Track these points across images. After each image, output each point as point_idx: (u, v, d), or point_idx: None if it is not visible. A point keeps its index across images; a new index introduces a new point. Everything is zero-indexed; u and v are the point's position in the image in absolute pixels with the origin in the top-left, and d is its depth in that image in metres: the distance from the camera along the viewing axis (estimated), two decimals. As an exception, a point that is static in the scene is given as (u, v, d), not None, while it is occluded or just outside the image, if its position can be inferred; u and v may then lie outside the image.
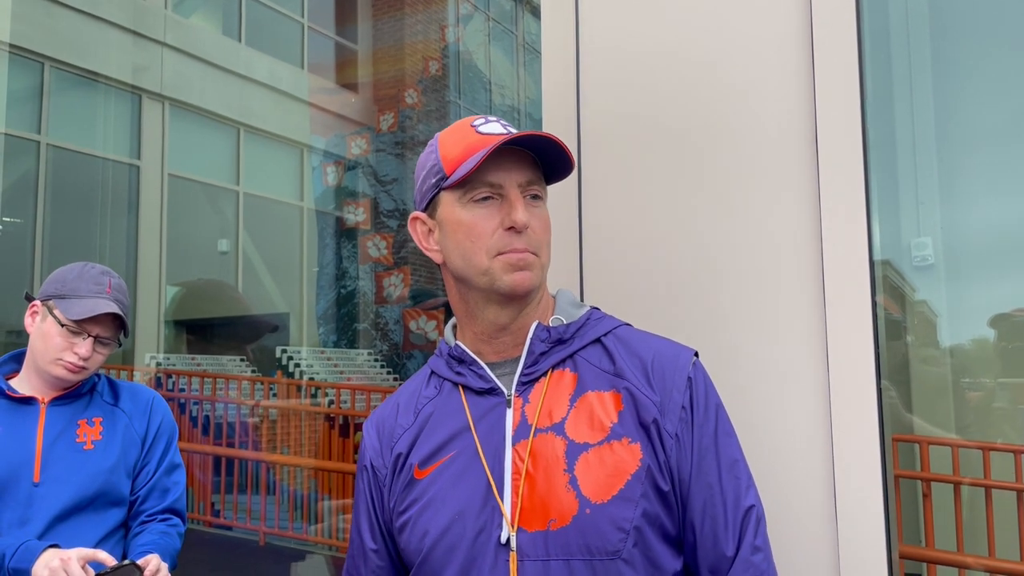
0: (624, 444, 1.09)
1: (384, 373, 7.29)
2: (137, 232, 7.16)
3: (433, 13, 8.39)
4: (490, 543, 1.08)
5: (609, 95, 1.63)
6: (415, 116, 7.84)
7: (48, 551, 1.63)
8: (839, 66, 1.44)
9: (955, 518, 1.78)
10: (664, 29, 1.59)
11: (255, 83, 8.44)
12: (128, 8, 7.24)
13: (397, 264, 7.38)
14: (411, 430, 1.20)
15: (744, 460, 1.14)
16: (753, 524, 1.10)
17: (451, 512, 1.11)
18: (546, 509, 1.07)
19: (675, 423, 1.10)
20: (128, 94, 7.25)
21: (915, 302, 1.74)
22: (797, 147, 1.46)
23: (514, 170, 1.14)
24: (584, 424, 1.11)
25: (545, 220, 1.17)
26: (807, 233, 1.43)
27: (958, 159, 1.73)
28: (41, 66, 6.52)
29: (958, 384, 1.75)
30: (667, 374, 1.13)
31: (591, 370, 1.15)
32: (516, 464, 1.10)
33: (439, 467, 1.15)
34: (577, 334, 1.17)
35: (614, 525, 1.05)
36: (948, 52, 1.75)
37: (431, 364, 1.26)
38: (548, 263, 1.17)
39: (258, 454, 5.85)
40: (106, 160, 7.02)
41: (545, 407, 1.13)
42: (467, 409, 1.17)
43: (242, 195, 8.48)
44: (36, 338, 1.86)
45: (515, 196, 1.13)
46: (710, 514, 1.09)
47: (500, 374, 1.17)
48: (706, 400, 1.14)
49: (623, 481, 1.07)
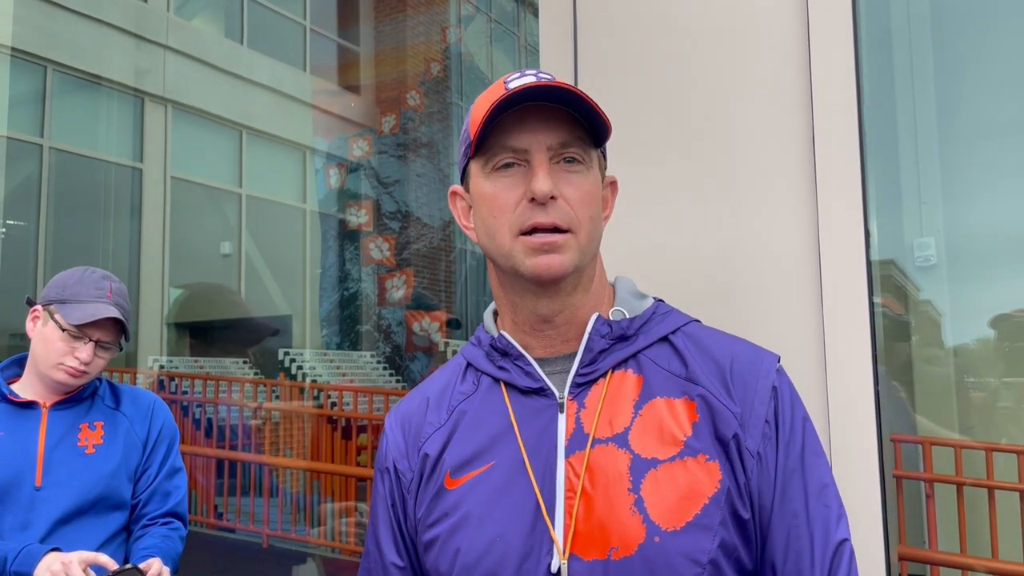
0: (700, 462, 0.93)
1: (387, 375, 7.29)
2: (140, 235, 7.17)
3: (435, 15, 8.40)
4: (538, 572, 0.92)
5: (605, 97, 1.63)
6: (417, 118, 7.84)
7: (49, 554, 1.63)
8: (835, 66, 1.43)
9: (958, 519, 1.78)
10: (660, 28, 1.59)
11: (257, 85, 8.46)
12: (130, 11, 7.26)
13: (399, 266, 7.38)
14: (443, 429, 1.04)
15: (835, 486, 0.98)
16: (846, 563, 0.93)
17: (490, 534, 0.95)
18: (606, 535, 0.91)
19: (757, 439, 0.94)
20: (130, 97, 7.26)
21: (918, 302, 1.74)
22: (794, 147, 1.46)
23: (542, 131, 0.96)
24: (652, 436, 0.95)
25: (586, 189, 0.98)
26: (804, 233, 1.43)
27: (961, 159, 1.73)
28: (44, 69, 6.54)
29: (962, 384, 1.75)
30: (748, 381, 0.97)
31: (659, 372, 0.99)
32: (570, 480, 0.94)
33: (475, 477, 0.99)
34: (642, 330, 1.02)
35: (688, 557, 0.89)
36: (950, 50, 1.75)
37: (467, 355, 1.09)
38: (592, 242, 0.99)
39: (260, 456, 5.86)
40: (109, 163, 7.04)
41: (605, 414, 0.97)
42: (511, 411, 1.01)
43: (245, 197, 8.49)
44: (37, 343, 1.87)
45: (539, 161, 0.95)
46: (795, 548, 0.93)
47: (550, 372, 1.01)
48: (792, 414, 0.97)
49: (699, 506, 0.91)
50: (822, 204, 1.41)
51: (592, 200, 0.99)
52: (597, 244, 1.01)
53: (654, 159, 1.57)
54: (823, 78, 1.44)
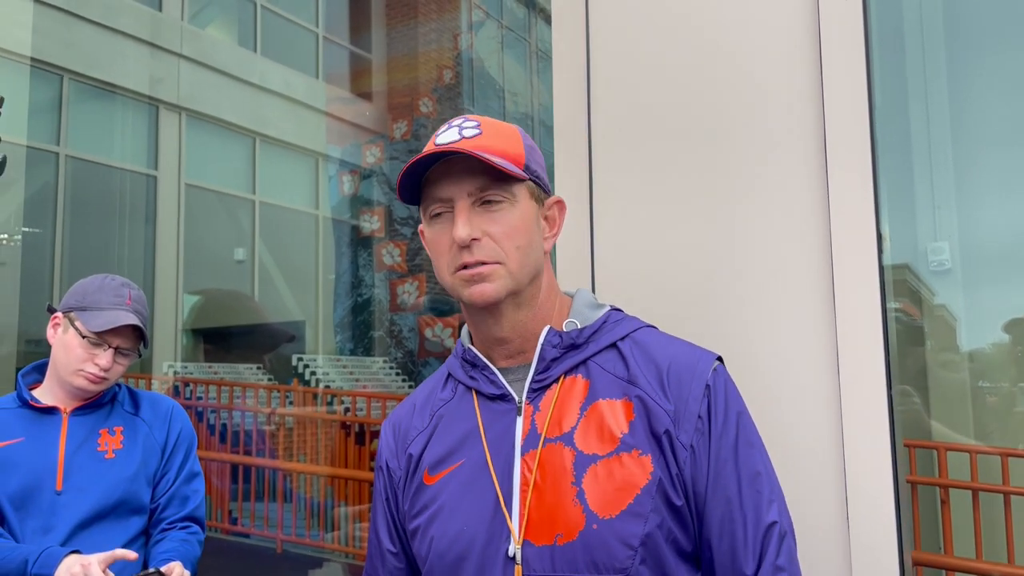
0: (634, 456, 1.05)
1: (399, 381, 7.31)
2: (154, 241, 7.22)
3: (446, 21, 8.43)
4: (498, 556, 1.06)
5: (619, 100, 1.64)
6: (429, 124, 7.87)
7: (70, 556, 1.65)
8: (846, 71, 1.44)
9: (973, 525, 1.77)
10: (672, 32, 1.60)
11: (270, 93, 8.51)
12: (145, 20, 7.33)
13: (411, 271, 7.41)
14: (424, 432, 1.18)
15: (769, 473, 1.08)
16: (775, 541, 1.04)
17: (459, 524, 1.10)
18: (553, 523, 1.05)
19: (690, 433, 1.05)
20: (145, 105, 7.33)
21: (933, 307, 1.74)
22: (806, 151, 1.46)
23: (465, 178, 1.08)
24: (593, 434, 1.07)
25: (511, 224, 1.09)
26: (816, 238, 1.44)
27: (975, 163, 1.73)
28: (60, 78, 6.60)
29: (976, 389, 1.74)
30: (683, 382, 1.08)
31: (604, 376, 1.11)
32: (524, 475, 1.08)
33: (448, 474, 1.13)
34: (592, 339, 1.13)
35: (621, 541, 1.02)
36: (963, 53, 1.75)
37: (448, 365, 1.23)
38: (524, 268, 1.10)
39: (274, 462, 5.88)
40: (124, 170, 7.10)
41: (555, 416, 1.10)
42: (479, 415, 1.14)
43: (258, 204, 8.54)
44: (58, 349, 1.89)
45: (460, 208, 1.08)
46: (728, 530, 1.04)
47: (512, 380, 1.14)
48: (726, 408, 1.08)
49: (632, 496, 1.03)
50: (834, 209, 1.42)
51: (517, 232, 1.10)
52: (532, 268, 1.12)
53: (666, 164, 1.58)
54: (834, 82, 1.44)
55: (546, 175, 1.17)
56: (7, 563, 1.69)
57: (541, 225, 1.14)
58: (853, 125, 1.42)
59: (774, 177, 1.48)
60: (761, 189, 1.49)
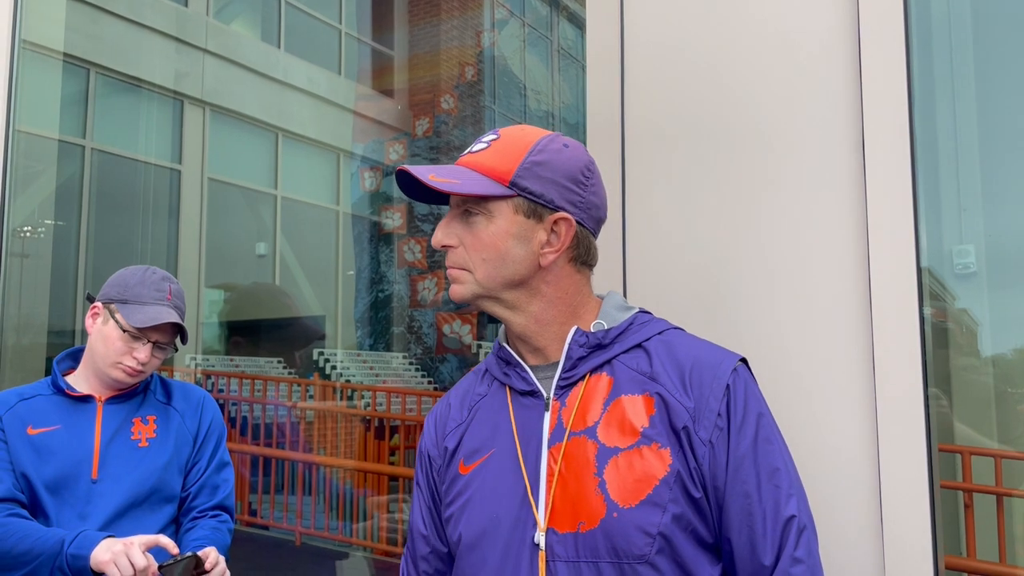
0: (654, 449, 1.10)
1: (418, 376, 7.34)
2: (177, 235, 7.29)
3: (469, 19, 8.45)
4: (524, 543, 1.12)
5: (653, 99, 1.64)
6: (450, 121, 7.89)
7: (108, 538, 1.68)
8: (886, 69, 1.42)
9: (997, 529, 1.77)
10: (709, 32, 1.59)
11: (293, 88, 8.56)
12: (171, 15, 7.39)
13: (431, 268, 7.44)
14: (462, 425, 1.25)
15: (789, 469, 1.11)
16: (794, 534, 1.07)
17: (489, 512, 1.16)
18: (576, 511, 1.10)
19: (709, 430, 1.09)
20: (170, 99, 7.40)
21: (957, 310, 1.74)
22: (843, 152, 1.45)
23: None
24: (615, 428, 1.12)
25: (479, 238, 1.16)
26: (853, 240, 1.43)
27: (1002, 165, 1.72)
28: (87, 72, 6.68)
29: (1002, 393, 1.74)
30: (704, 381, 1.12)
31: (627, 373, 1.15)
32: (550, 466, 1.13)
33: (480, 464, 1.20)
34: (618, 339, 1.18)
35: (640, 530, 1.07)
36: (992, 55, 1.75)
37: (486, 363, 1.30)
38: (493, 279, 1.17)
39: (295, 454, 5.93)
40: (148, 164, 7.17)
41: (580, 411, 1.15)
42: (511, 410, 1.20)
43: (280, 199, 8.60)
44: (96, 340, 1.90)
45: (447, 216, 1.20)
46: (747, 523, 1.08)
47: (542, 377, 1.19)
48: (745, 407, 1.11)
49: (651, 486, 1.08)
50: (871, 209, 1.41)
51: (484, 247, 1.16)
52: (503, 279, 1.17)
53: (703, 165, 1.58)
54: (873, 80, 1.43)
55: (561, 189, 1.17)
56: (42, 543, 1.71)
57: (534, 239, 1.16)
58: (892, 124, 1.41)
59: (808, 178, 1.48)
60: (795, 190, 1.48)
